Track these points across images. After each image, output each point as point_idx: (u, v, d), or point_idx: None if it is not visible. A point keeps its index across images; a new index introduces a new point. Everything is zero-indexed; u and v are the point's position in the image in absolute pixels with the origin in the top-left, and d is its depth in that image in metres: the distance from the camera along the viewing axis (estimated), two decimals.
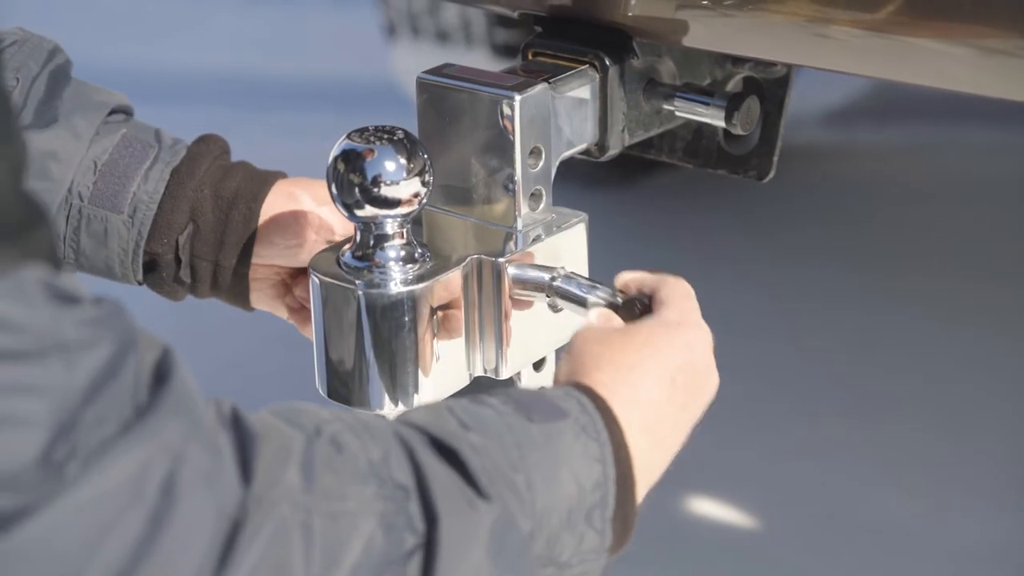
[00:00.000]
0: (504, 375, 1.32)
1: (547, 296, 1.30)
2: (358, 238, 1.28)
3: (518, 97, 1.30)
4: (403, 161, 1.23)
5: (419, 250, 1.28)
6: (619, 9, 1.37)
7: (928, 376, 2.75)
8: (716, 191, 3.34)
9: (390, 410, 1.29)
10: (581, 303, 1.27)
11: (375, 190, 1.23)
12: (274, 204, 1.38)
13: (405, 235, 1.27)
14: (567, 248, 1.34)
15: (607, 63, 1.39)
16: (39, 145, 1.33)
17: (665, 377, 1.12)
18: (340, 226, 1.37)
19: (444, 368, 1.29)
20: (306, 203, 1.38)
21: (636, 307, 1.21)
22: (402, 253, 1.27)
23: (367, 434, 0.94)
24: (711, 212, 3.32)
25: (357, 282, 1.26)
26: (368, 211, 1.24)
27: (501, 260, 1.30)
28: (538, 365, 1.37)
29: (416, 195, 1.24)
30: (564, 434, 1.02)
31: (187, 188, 1.36)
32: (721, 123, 1.42)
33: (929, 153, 3.55)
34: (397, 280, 1.26)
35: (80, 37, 1.40)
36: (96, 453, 0.79)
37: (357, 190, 1.23)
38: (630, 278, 1.23)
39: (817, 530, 2.42)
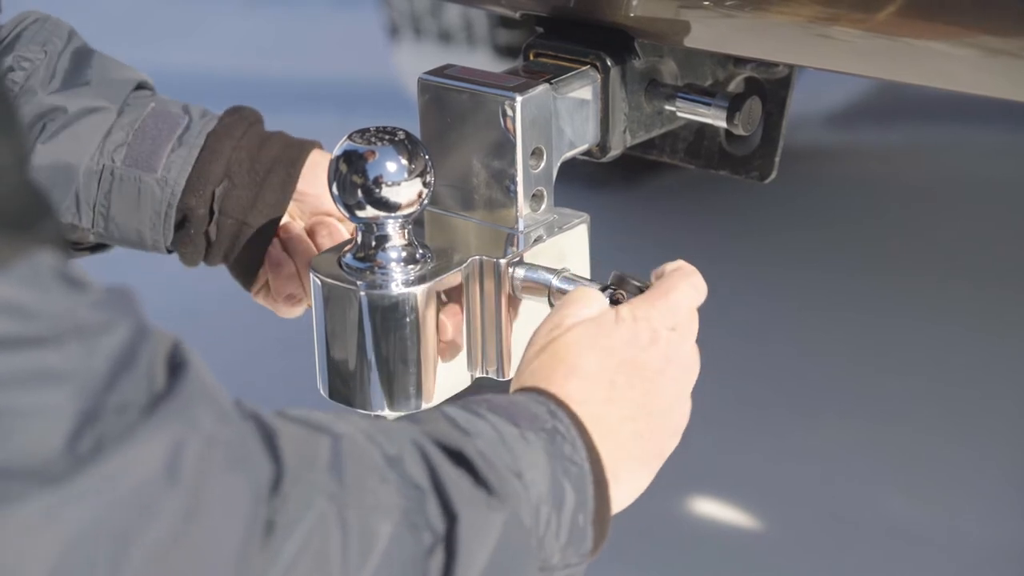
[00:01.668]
0: (506, 376, 1.32)
1: (549, 297, 1.30)
2: (359, 239, 1.28)
3: (519, 98, 1.30)
4: (404, 162, 1.23)
5: (420, 251, 1.28)
6: (621, 10, 1.37)
7: (931, 377, 2.75)
8: (718, 192, 3.34)
9: (391, 411, 1.29)
10: None
11: (376, 191, 1.23)
12: (311, 170, 1.39)
13: (406, 236, 1.27)
14: (569, 249, 1.34)
15: (609, 64, 1.39)
16: (73, 104, 1.34)
17: (604, 380, 1.12)
18: None
19: (445, 369, 1.29)
20: None
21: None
22: (403, 254, 1.27)
23: (381, 435, 0.96)
24: (713, 213, 3.32)
25: (359, 283, 1.26)
26: (369, 212, 1.24)
27: (503, 261, 1.29)
28: None
29: (417, 196, 1.24)
30: (543, 440, 1.05)
31: (224, 146, 1.37)
32: (723, 124, 1.42)
33: (932, 154, 3.55)
34: (398, 281, 1.26)
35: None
36: (124, 435, 0.79)
37: (358, 191, 1.23)
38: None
39: (820, 531, 2.42)
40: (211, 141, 1.37)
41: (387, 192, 1.23)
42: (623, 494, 1.12)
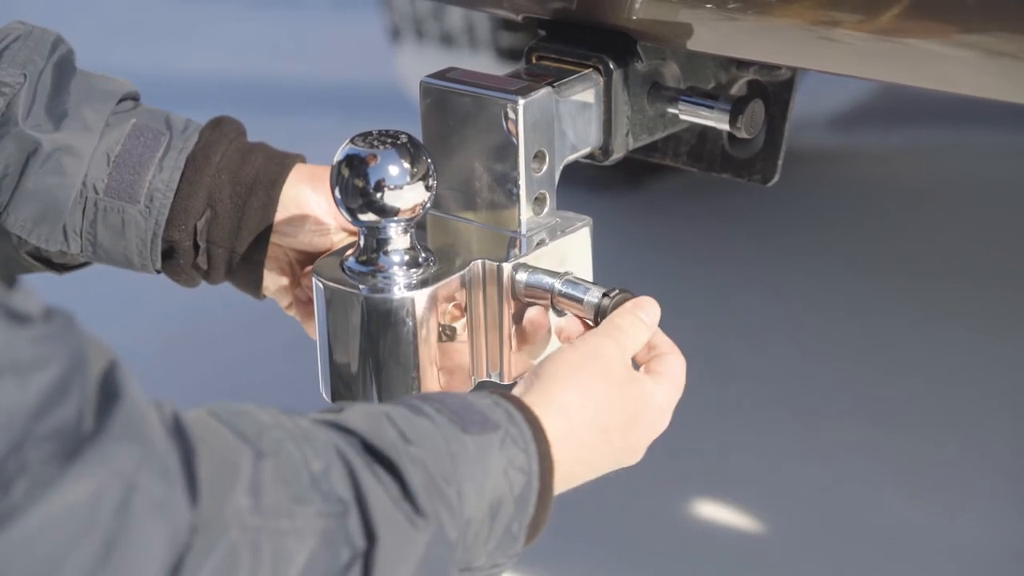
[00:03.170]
0: (508, 379, 1.32)
1: (551, 300, 1.30)
2: (362, 243, 1.28)
3: (522, 101, 1.30)
4: (406, 165, 1.23)
5: (423, 254, 1.28)
6: (623, 13, 1.37)
7: (932, 379, 2.75)
8: (721, 195, 3.34)
9: None
10: (585, 307, 1.28)
11: (378, 195, 1.23)
12: (292, 190, 1.37)
13: (409, 239, 1.27)
14: (571, 252, 1.34)
15: (611, 67, 1.39)
16: (51, 141, 1.33)
17: (600, 419, 1.15)
18: None
19: (448, 372, 1.30)
20: (323, 191, 1.36)
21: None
22: (406, 257, 1.27)
23: (308, 445, 0.96)
24: (715, 216, 3.32)
25: (361, 287, 1.26)
26: (372, 216, 1.24)
27: (505, 264, 1.30)
28: None
29: (420, 199, 1.24)
30: (494, 446, 1.06)
31: (204, 175, 1.36)
32: (725, 127, 1.42)
33: (934, 156, 3.55)
34: (401, 284, 1.26)
35: (83, 41, 1.40)
36: (47, 479, 0.78)
37: (360, 195, 1.23)
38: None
39: (820, 532, 2.42)
40: (189, 171, 1.35)
41: (389, 196, 1.23)
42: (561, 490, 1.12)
